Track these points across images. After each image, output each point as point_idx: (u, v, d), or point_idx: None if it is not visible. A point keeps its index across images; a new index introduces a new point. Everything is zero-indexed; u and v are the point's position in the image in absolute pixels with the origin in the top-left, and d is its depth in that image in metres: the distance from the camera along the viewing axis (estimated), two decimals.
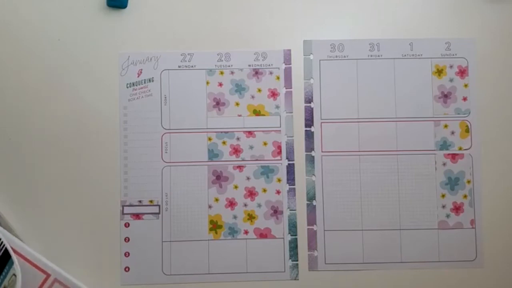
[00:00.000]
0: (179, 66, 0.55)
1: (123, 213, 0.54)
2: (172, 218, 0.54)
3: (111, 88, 0.55)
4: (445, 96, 0.55)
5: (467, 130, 0.55)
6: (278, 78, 0.55)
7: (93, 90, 0.54)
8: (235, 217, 0.54)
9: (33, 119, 0.54)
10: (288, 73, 0.55)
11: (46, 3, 0.55)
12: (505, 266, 0.54)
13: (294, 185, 0.54)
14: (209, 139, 0.55)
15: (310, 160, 0.55)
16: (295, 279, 0.54)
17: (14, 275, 0.47)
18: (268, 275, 0.54)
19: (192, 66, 0.55)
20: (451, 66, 0.55)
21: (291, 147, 0.55)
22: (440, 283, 0.54)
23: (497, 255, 0.54)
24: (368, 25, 0.56)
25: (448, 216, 0.54)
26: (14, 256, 0.47)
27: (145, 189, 0.54)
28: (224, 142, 0.55)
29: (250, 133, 0.55)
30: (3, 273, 0.47)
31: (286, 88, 0.55)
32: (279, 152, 0.55)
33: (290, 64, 0.55)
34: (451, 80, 0.55)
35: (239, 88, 0.55)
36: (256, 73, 0.55)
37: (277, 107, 0.55)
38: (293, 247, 0.54)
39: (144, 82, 0.55)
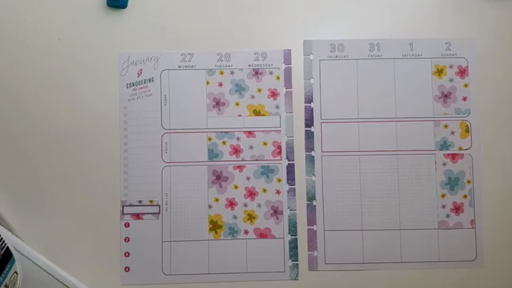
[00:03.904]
0: (179, 66, 0.55)
1: (123, 213, 0.54)
2: (172, 218, 0.54)
3: (111, 88, 0.55)
4: (445, 96, 0.55)
5: (467, 130, 0.55)
6: (278, 78, 0.55)
7: (93, 90, 0.54)
8: (235, 217, 0.54)
9: (33, 119, 0.54)
10: (288, 73, 0.55)
11: (46, 3, 0.55)
12: (505, 266, 0.54)
13: (294, 185, 0.54)
14: (209, 139, 0.55)
15: (310, 160, 0.55)
16: (295, 279, 0.54)
17: (16, 272, 0.47)
18: (268, 275, 0.54)
19: (192, 66, 0.55)
20: (451, 66, 0.55)
21: (291, 147, 0.55)
22: (440, 283, 0.54)
23: (497, 255, 0.54)
24: (368, 25, 0.56)
25: (448, 216, 0.54)
26: (15, 254, 0.47)
27: (145, 189, 0.54)
28: (224, 142, 0.55)
29: (250, 133, 0.55)
30: (4, 272, 0.47)
31: (286, 88, 0.55)
32: (279, 152, 0.55)
33: (290, 64, 0.55)
34: (451, 80, 0.55)
35: (239, 88, 0.55)
36: (256, 73, 0.55)
37: (277, 107, 0.55)
38: (293, 247, 0.54)
39: (144, 82, 0.55)
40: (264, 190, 0.54)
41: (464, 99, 0.55)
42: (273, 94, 0.55)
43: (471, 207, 0.54)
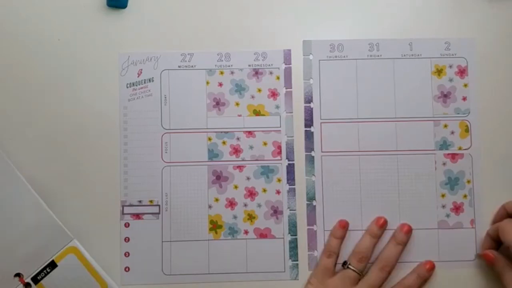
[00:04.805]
0: (179, 66, 0.55)
1: (123, 213, 0.54)
2: (172, 218, 0.54)
3: (111, 88, 0.55)
4: (445, 96, 0.55)
5: (467, 130, 0.55)
6: (278, 78, 0.55)
7: (93, 90, 0.54)
8: (235, 217, 0.54)
9: (33, 119, 0.54)
10: (288, 73, 0.55)
11: (46, 3, 0.55)
12: None
13: (294, 185, 0.54)
14: (209, 139, 0.55)
15: (310, 160, 0.55)
16: (295, 279, 0.54)
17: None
18: (268, 275, 0.54)
19: (192, 66, 0.55)
20: (450, 66, 0.55)
21: (291, 147, 0.55)
22: (440, 283, 0.54)
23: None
24: (368, 25, 0.56)
25: (448, 216, 0.54)
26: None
27: (145, 189, 0.54)
28: (224, 142, 0.55)
29: (250, 133, 0.55)
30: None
31: (286, 88, 0.55)
32: (279, 152, 0.55)
33: (290, 64, 0.55)
34: (450, 80, 0.55)
35: (239, 88, 0.55)
36: (256, 73, 0.55)
37: (277, 107, 0.55)
38: (293, 247, 0.54)
39: (144, 82, 0.55)
40: (264, 190, 0.54)
41: (464, 99, 0.55)
42: (273, 94, 0.55)
43: (471, 207, 0.54)
